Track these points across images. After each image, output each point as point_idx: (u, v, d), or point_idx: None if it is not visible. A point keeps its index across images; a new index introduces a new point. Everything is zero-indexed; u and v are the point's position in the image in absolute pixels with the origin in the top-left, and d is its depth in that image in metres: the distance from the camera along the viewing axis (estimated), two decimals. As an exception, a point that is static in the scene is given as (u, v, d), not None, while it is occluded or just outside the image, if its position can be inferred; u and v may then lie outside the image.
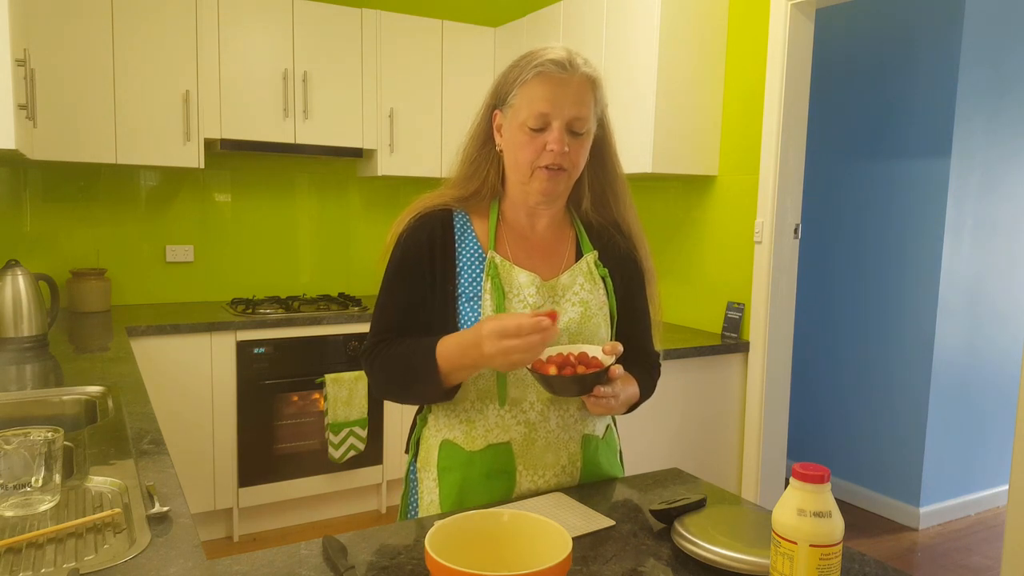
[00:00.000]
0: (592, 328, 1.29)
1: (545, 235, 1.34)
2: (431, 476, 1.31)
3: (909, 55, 3.51)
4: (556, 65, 1.20)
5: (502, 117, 1.27)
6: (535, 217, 1.33)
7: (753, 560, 0.97)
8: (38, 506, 1.14)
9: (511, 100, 1.24)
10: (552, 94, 1.20)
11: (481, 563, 0.89)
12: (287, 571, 0.98)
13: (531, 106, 1.21)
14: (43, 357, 2.32)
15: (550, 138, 1.21)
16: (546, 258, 1.33)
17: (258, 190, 3.71)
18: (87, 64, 2.97)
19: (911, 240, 3.52)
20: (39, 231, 3.27)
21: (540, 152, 1.22)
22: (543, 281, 1.29)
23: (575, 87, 1.21)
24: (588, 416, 1.32)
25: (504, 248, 1.30)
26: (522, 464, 1.27)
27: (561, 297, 1.29)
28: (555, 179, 1.24)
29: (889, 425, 3.60)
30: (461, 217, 1.32)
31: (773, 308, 2.87)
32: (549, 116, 1.20)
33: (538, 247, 1.33)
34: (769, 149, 2.85)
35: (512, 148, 1.25)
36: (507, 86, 1.25)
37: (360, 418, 3.34)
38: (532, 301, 1.26)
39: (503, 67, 1.29)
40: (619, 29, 3.05)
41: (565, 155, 1.22)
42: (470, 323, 1.23)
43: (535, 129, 1.21)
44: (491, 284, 1.25)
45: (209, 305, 3.49)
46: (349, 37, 3.52)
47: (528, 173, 1.24)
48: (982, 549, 3.30)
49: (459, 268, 1.27)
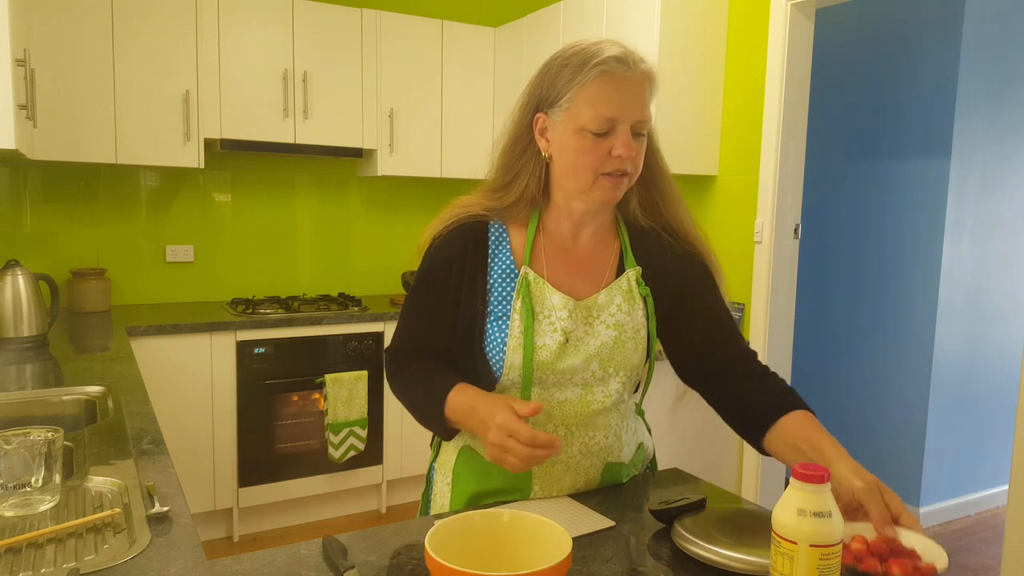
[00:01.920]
0: (625, 353, 1.22)
1: (587, 247, 1.25)
2: (446, 479, 1.29)
3: (909, 55, 3.51)
4: (620, 63, 1.11)
5: (548, 120, 1.17)
6: (580, 227, 1.24)
7: (753, 560, 0.97)
8: (38, 506, 1.14)
9: (563, 103, 1.14)
10: (618, 96, 1.11)
11: (481, 563, 0.89)
12: (287, 571, 0.98)
13: (595, 108, 1.11)
14: (43, 357, 2.32)
15: (617, 143, 1.12)
16: (585, 273, 1.24)
17: (258, 190, 3.71)
18: (87, 64, 2.97)
19: (911, 240, 3.52)
20: (39, 231, 3.27)
21: (604, 158, 1.13)
22: (577, 302, 1.21)
23: (638, 86, 1.13)
24: (616, 444, 1.27)
25: (540, 263, 1.22)
26: (538, 485, 1.23)
27: (596, 318, 1.22)
28: (619, 186, 1.16)
29: (889, 425, 3.60)
30: (497, 228, 1.24)
31: (773, 308, 2.87)
32: (616, 120, 1.11)
33: (578, 261, 1.25)
34: (769, 149, 2.85)
35: (569, 154, 1.15)
36: (558, 87, 1.14)
37: (360, 418, 3.34)
38: (563, 325, 1.19)
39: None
40: (619, 29, 3.05)
41: (630, 159, 1.14)
42: (496, 343, 1.19)
43: (598, 133, 1.12)
44: (521, 304, 1.18)
45: (209, 305, 3.49)
46: (349, 37, 3.52)
47: (590, 181, 1.15)
48: (982, 549, 3.30)
49: (490, 285, 1.21)
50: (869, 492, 0.96)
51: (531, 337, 1.18)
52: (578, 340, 1.20)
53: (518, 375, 1.19)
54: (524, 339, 1.18)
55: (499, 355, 1.19)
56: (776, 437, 1.15)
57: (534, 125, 1.19)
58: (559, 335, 1.18)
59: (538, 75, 1.19)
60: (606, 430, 1.25)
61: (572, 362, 1.19)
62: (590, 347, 1.20)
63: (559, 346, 1.19)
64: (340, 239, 3.94)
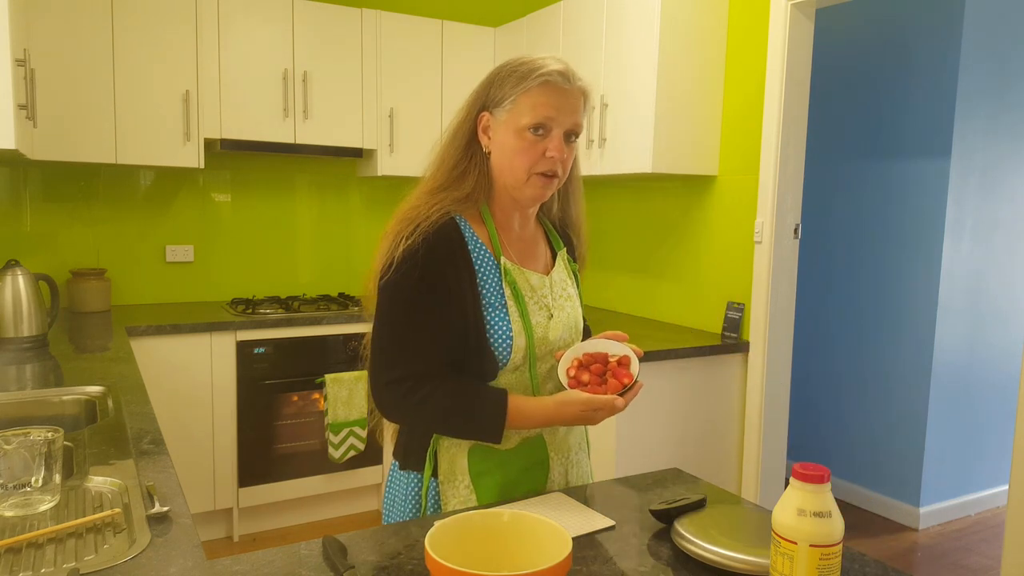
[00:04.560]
0: (578, 319, 1.41)
1: (529, 235, 1.40)
2: (463, 484, 1.28)
3: (909, 55, 3.51)
4: (561, 76, 1.26)
5: (491, 119, 1.29)
6: (524, 218, 1.38)
7: (753, 560, 0.97)
8: (38, 506, 1.14)
9: (507, 104, 1.26)
10: (557, 102, 1.25)
11: (481, 563, 0.89)
12: (287, 571, 0.98)
13: (535, 111, 1.24)
14: (43, 357, 2.32)
15: (551, 144, 1.25)
16: (535, 256, 1.39)
17: (258, 190, 3.71)
18: (87, 64, 2.97)
19: (911, 240, 3.52)
20: (39, 231, 3.27)
21: (539, 158, 1.26)
22: (547, 278, 1.36)
23: (575, 98, 1.28)
24: None
25: (507, 251, 1.33)
26: (553, 451, 1.35)
27: (560, 293, 1.37)
28: (549, 185, 1.29)
29: (889, 425, 3.60)
30: (463, 222, 1.30)
31: (773, 308, 2.87)
32: (552, 122, 1.25)
33: (527, 246, 1.38)
34: (769, 149, 2.85)
35: (507, 152, 1.27)
36: (503, 90, 1.27)
37: (360, 418, 3.34)
38: (546, 302, 1.33)
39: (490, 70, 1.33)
40: (619, 29, 3.05)
41: (561, 161, 1.27)
42: (500, 332, 1.26)
43: (536, 134, 1.25)
44: (511, 290, 1.29)
45: (209, 305, 3.49)
46: (349, 37, 3.52)
47: (524, 178, 1.28)
48: (982, 549, 3.30)
49: (479, 278, 1.28)
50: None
51: (528, 319, 1.29)
52: (557, 313, 1.35)
53: (522, 356, 1.28)
54: (524, 322, 1.28)
55: (505, 341, 1.26)
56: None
57: (478, 123, 1.30)
58: (545, 311, 1.33)
59: (485, 80, 1.32)
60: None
61: (557, 334, 1.34)
62: (564, 318, 1.36)
63: (547, 321, 1.33)
64: (340, 239, 3.94)
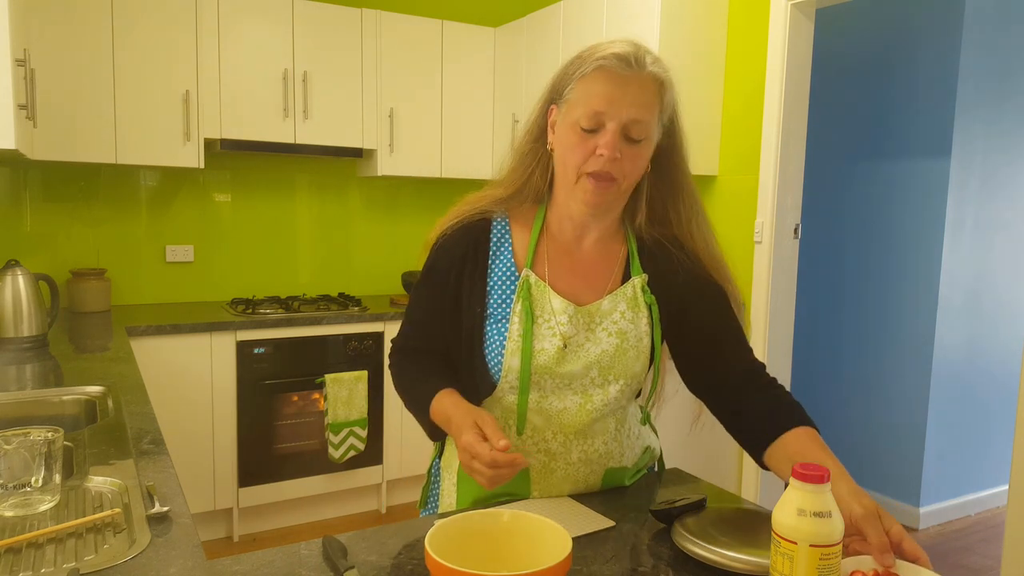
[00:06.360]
0: (626, 361, 1.19)
1: (591, 251, 1.22)
2: (451, 478, 1.30)
3: (909, 55, 3.51)
4: (620, 60, 1.08)
5: (557, 113, 1.15)
6: (583, 231, 1.21)
7: (753, 560, 0.97)
8: (38, 506, 1.14)
9: (567, 95, 1.12)
10: (610, 92, 1.07)
11: (481, 563, 0.89)
12: (287, 571, 0.98)
13: (587, 103, 1.08)
14: (43, 357, 2.32)
15: (601, 141, 1.08)
16: (589, 278, 1.21)
17: (258, 190, 3.71)
18: (87, 64, 2.97)
19: (911, 240, 3.52)
20: (39, 231, 3.27)
21: (589, 156, 1.09)
22: (579, 307, 1.18)
23: (637, 87, 1.08)
24: (616, 449, 1.26)
25: (542, 264, 1.20)
26: (538, 491, 1.24)
27: (598, 325, 1.18)
28: (602, 190, 1.11)
29: (889, 425, 3.60)
30: (500, 225, 1.22)
31: (773, 308, 2.87)
32: (604, 116, 1.08)
33: (581, 265, 1.21)
34: (769, 149, 2.85)
35: (561, 149, 1.13)
36: (565, 79, 1.13)
37: (360, 418, 3.34)
38: (562, 330, 1.17)
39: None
40: (619, 29, 3.05)
41: (616, 162, 1.09)
42: (495, 346, 1.18)
43: (587, 129, 1.09)
44: (521, 307, 1.16)
45: (209, 305, 3.49)
46: (349, 37, 3.52)
47: (574, 179, 1.12)
48: (982, 549, 3.30)
49: (490, 287, 1.20)
50: (868, 518, 0.91)
51: (530, 341, 1.16)
52: (578, 346, 1.18)
53: (515, 379, 1.17)
54: (523, 343, 1.16)
55: (497, 358, 1.18)
56: (776, 452, 1.12)
57: (548, 116, 1.17)
58: (558, 340, 1.16)
59: (560, 68, 1.17)
60: (605, 436, 1.24)
61: (571, 367, 1.17)
62: (590, 353, 1.18)
63: (557, 351, 1.16)
64: (340, 239, 3.94)
